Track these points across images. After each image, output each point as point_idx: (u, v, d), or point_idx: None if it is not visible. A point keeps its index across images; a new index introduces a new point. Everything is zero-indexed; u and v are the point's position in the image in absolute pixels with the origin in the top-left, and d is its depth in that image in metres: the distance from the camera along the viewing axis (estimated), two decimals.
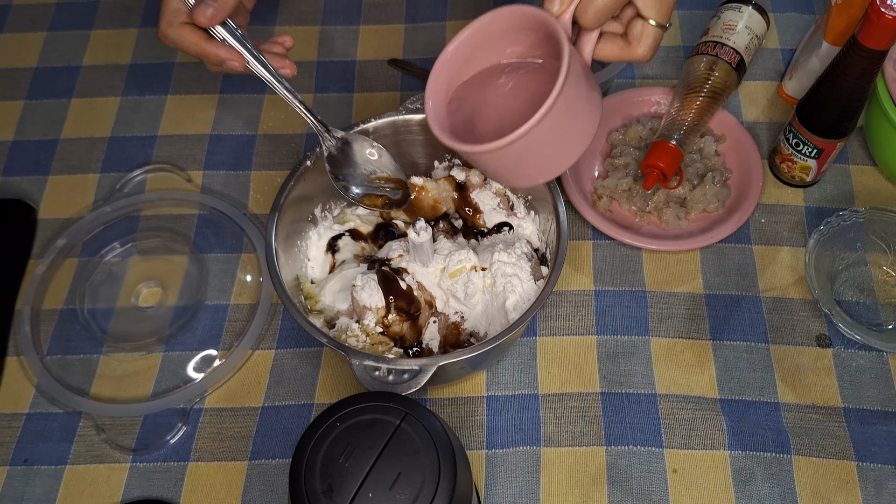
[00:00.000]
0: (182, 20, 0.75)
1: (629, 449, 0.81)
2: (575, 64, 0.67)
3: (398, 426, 0.64)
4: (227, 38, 0.76)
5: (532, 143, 0.67)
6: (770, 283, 0.90)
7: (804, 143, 0.89)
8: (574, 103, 0.68)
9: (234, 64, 0.76)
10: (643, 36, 0.71)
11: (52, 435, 0.84)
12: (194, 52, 0.76)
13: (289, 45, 0.81)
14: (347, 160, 0.82)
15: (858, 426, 0.81)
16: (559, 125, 0.67)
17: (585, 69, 0.70)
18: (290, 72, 0.79)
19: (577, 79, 0.67)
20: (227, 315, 0.90)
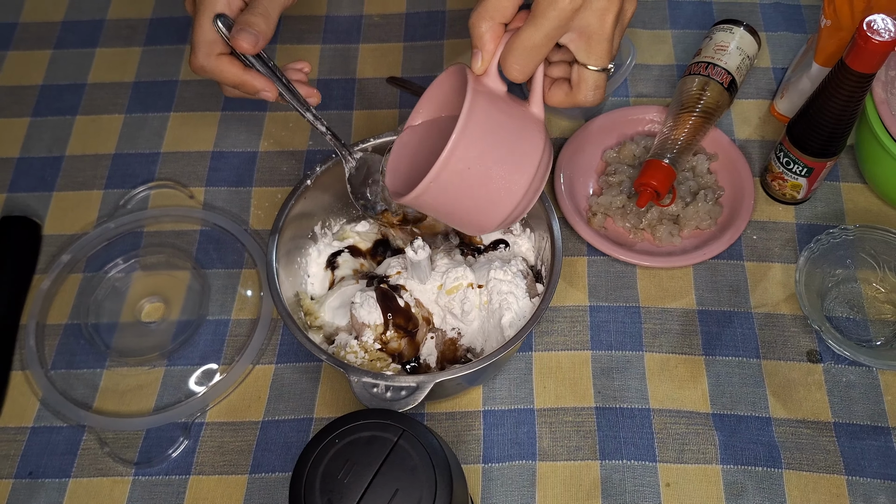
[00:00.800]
0: (219, 51, 0.75)
1: (623, 463, 0.82)
2: (479, 110, 0.67)
3: (396, 443, 0.65)
4: (261, 69, 0.75)
5: (444, 188, 0.68)
6: (762, 300, 0.91)
7: (795, 162, 0.90)
8: (487, 148, 0.68)
9: (267, 94, 0.76)
10: (581, 81, 0.70)
11: (56, 448, 0.84)
12: (232, 82, 0.76)
13: (307, 71, 0.82)
14: (365, 179, 0.83)
15: (848, 441, 0.82)
16: (471, 168, 0.68)
17: (505, 114, 0.70)
18: (316, 99, 0.80)
19: (487, 124, 0.68)
20: (229, 330, 0.91)
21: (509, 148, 0.69)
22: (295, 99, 0.78)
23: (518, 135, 0.70)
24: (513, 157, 0.69)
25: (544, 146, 0.71)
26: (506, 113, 0.70)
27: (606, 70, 0.69)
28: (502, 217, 0.72)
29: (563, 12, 0.65)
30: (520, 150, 0.69)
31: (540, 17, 0.66)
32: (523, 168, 0.70)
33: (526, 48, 0.67)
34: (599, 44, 0.67)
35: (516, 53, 0.68)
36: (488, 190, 0.69)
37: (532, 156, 0.70)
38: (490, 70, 0.70)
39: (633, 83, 1.07)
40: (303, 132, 1.04)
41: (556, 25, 0.66)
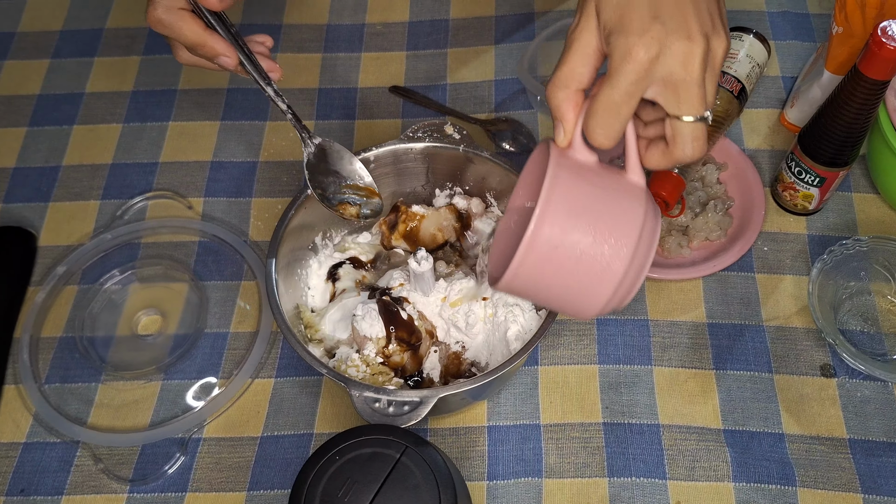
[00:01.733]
0: (180, 5, 0.72)
1: (632, 481, 0.80)
2: (562, 185, 0.61)
3: (398, 460, 0.63)
4: (223, 33, 0.73)
5: (534, 273, 0.62)
6: (773, 312, 0.89)
7: (806, 172, 0.88)
8: (576, 225, 0.61)
9: (227, 60, 0.73)
10: (676, 135, 0.61)
11: (49, 465, 0.83)
12: (191, 41, 0.72)
13: (269, 45, 0.80)
14: (325, 168, 0.81)
15: (864, 458, 0.81)
16: (560, 249, 0.61)
17: (595, 185, 0.63)
18: (279, 75, 0.78)
19: (574, 200, 0.62)
20: (227, 343, 0.89)
21: (602, 223, 0.62)
22: (256, 71, 0.75)
23: (611, 207, 0.62)
24: (607, 233, 0.62)
25: (644, 217, 0.63)
26: (595, 185, 0.63)
27: (704, 119, 0.61)
28: (604, 298, 0.63)
29: (638, 64, 0.58)
30: (615, 224, 0.62)
31: (615, 73, 0.59)
32: (621, 244, 0.62)
33: (606, 110, 0.60)
34: (688, 91, 0.59)
35: (597, 117, 0.61)
36: (583, 270, 0.62)
37: (630, 229, 0.62)
38: (575, 141, 0.64)
39: None
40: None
41: (635, 79, 0.59)
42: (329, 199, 0.81)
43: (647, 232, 0.63)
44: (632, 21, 0.58)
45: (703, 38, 0.59)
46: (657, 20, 0.58)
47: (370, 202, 0.82)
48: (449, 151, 0.87)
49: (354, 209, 0.82)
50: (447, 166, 0.89)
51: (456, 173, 0.89)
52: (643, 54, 0.58)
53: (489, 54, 1.10)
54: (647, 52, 0.58)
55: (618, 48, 0.58)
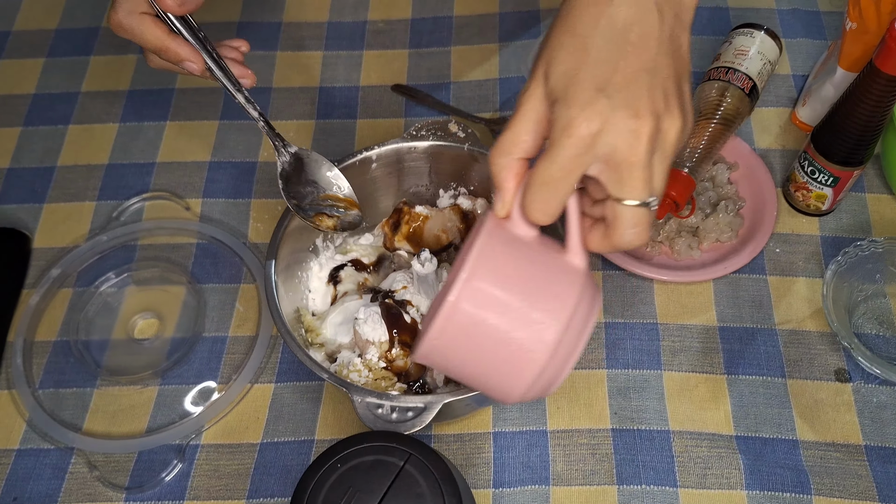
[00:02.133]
0: (142, 10, 0.71)
1: (642, 488, 0.78)
2: (487, 259, 0.58)
3: (402, 468, 0.62)
4: (188, 37, 0.72)
5: (451, 348, 0.60)
6: (786, 316, 0.87)
7: (820, 172, 0.87)
8: (498, 302, 0.58)
9: (192, 66, 0.72)
10: (615, 218, 0.57)
11: (43, 472, 0.81)
12: (153, 46, 0.72)
13: (244, 51, 0.79)
14: (301, 178, 0.80)
15: (881, 465, 0.79)
16: (480, 326, 0.58)
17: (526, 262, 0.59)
18: (251, 81, 0.76)
19: (499, 275, 0.58)
20: (226, 347, 0.88)
21: (529, 304, 0.58)
22: (225, 76, 0.74)
23: (541, 288, 0.59)
24: (533, 316, 0.58)
25: (577, 303, 0.59)
26: (528, 262, 0.59)
27: (647, 205, 0.56)
28: (524, 384, 0.60)
29: (579, 139, 0.54)
30: (542, 307, 0.58)
31: (554, 146, 0.55)
32: (547, 329, 0.58)
33: (543, 185, 0.56)
34: (631, 173, 0.54)
35: (534, 192, 0.57)
36: (504, 352, 0.59)
37: (559, 315, 0.58)
38: (514, 213, 0.60)
39: None
40: (303, 143, 1.01)
41: (574, 155, 0.54)
42: (305, 210, 0.79)
43: (578, 319, 0.59)
44: (576, 92, 0.54)
45: (652, 117, 0.54)
46: (602, 93, 0.53)
47: (349, 213, 0.80)
48: (453, 150, 0.85)
49: (332, 221, 0.80)
50: (451, 166, 0.87)
51: (460, 173, 0.88)
52: (584, 129, 0.53)
53: (493, 52, 1.08)
54: (588, 127, 0.53)
55: (559, 119, 0.54)
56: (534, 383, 0.60)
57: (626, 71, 0.54)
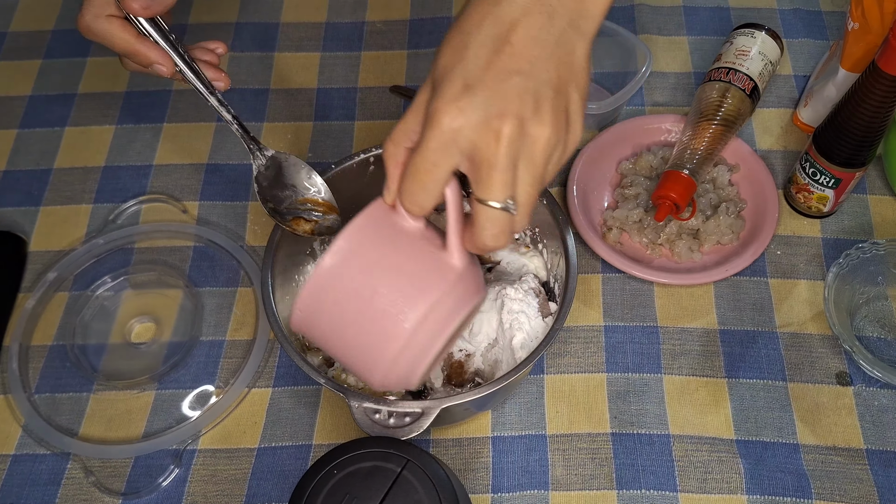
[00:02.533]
0: (110, 12, 0.70)
1: (642, 493, 0.78)
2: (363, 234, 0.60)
3: (399, 474, 0.62)
4: (159, 40, 0.72)
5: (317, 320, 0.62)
6: (787, 319, 0.87)
7: (821, 173, 0.86)
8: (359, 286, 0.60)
9: (161, 69, 0.72)
10: (475, 217, 0.56)
11: (38, 478, 0.81)
12: (121, 49, 0.71)
13: (220, 52, 0.78)
14: (278, 181, 0.79)
15: (882, 469, 0.78)
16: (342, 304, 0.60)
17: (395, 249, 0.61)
18: (224, 84, 0.76)
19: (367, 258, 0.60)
20: (223, 352, 0.87)
21: (389, 290, 0.60)
22: (197, 79, 0.74)
23: (404, 276, 0.60)
24: (391, 301, 0.60)
25: (441, 296, 0.60)
26: (398, 249, 0.61)
27: (506, 209, 0.56)
28: (381, 370, 0.62)
29: (441, 133, 0.53)
30: (402, 294, 0.60)
31: (422, 139, 0.55)
32: (403, 316, 0.60)
33: (413, 176, 0.56)
34: (489, 173, 0.54)
35: (404, 180, 0.57)
36: (363, 334, 0.61)
37: (417, 304, 0.60)
38: (398, 202, 0.61)
39: (648, 91, 1.03)
40: (301, 145, 1.00)
41: (437, 146, 0.54)
42: (282, 214, 0.78)
43: (439, 315, 0.60)
44: (447, 86, 0.54)
45: (515, 120, 0.53)
46: (469, 90, 0.53)
47: (327, 217, 0.79)
48: None
49: (309, 225, 0.79)
50: None
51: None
52: (446, 122, 0.53)
53: None
54: (450, 121, 0.53)
55: (428, 111, 0.54)
56: (389, 371, 0.62)
57: (497, 70, 0.53)
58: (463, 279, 0.62)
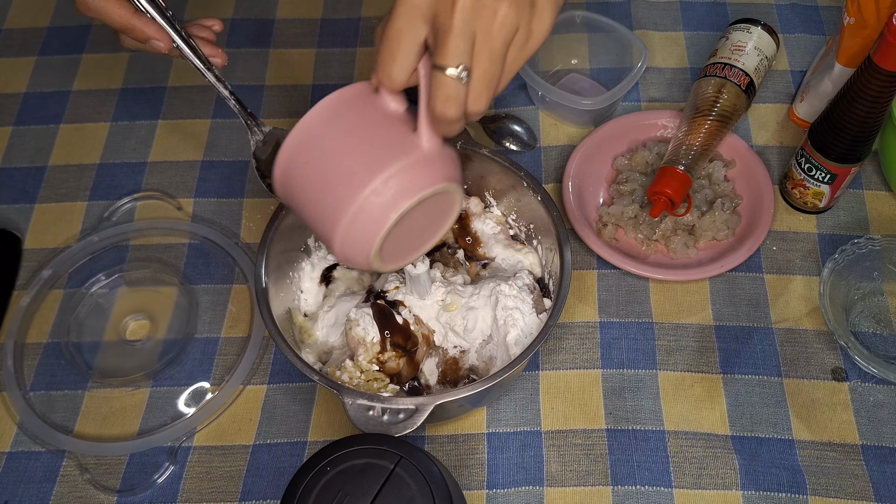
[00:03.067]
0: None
1: (637, 489, 0.78)
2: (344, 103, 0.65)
3: (392, 471, 0.61)
4: (156, 16, 0.72)
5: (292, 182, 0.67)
6: (783, 314, 0.86)
7: (817, 168, 0.86)
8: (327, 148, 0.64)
9: (158, 44, 0.72)
10: (430, 84, 0.59)
11: (34, 475, 0.81)
12: (118, 25, 0.72)
13: (217, 30, 0.79)
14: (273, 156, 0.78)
15: (877, 465, 0.78)
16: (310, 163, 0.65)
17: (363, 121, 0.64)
18: (221, 61, 0.76)
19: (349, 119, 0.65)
20: (218, 349, 0.87)
21: (355, 157, 0.64)
22: (194, 55, 0.74)
23: (370, 144, 0.64)
24: (349, 170, 0.64)
25: (398, 169, 0.63)
26: (370, 121, 0.64)
27: (459, 78, 0.58)
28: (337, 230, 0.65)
29: (406, 3, 0.57)
30: (364, 159, 0.64)
31: (391, 10, 0.58)
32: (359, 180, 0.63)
33: (382, 47, 0.59)
34: (443, 38, 0.57)
35: (378, 54, 0.60)
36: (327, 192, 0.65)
37: (373, 171, 0.63)
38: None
39: (644, 87, 1.03)
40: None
41: (402, 15, 0.57)
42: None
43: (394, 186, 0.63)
44: None
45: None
46: None
47: None
48: None
49: None
50: None
51: None
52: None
53: None
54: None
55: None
56: (346, 235, 0.65)
57: None
58: (428, 160, 0.64)
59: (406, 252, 0.71)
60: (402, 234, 0.67)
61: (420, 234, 0.71)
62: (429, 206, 0.67)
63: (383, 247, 0.66)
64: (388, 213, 0.64)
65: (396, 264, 0.71)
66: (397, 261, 0.71)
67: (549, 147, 0.98)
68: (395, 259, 0.70)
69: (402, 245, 0.69)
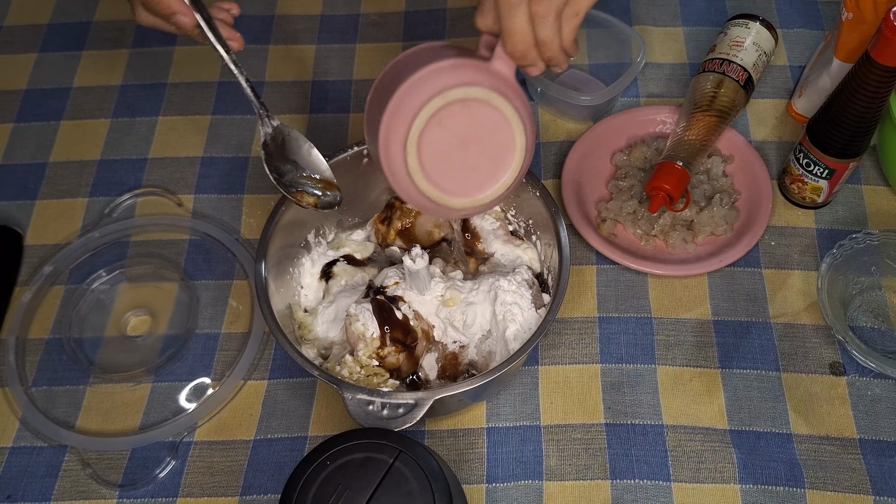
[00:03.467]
0: None
1: (635, 483, 0.78)
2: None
3: (392, 465, 0.62)
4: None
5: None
6: (781, 309, 0.87)
7: (815, 164, 0.86)
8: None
9: (183, 20, 0.72)
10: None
11: (36, 470, 0.81)
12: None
13: (235, 13, 0.78)
14: (283, 154, 0.79)
15: (875, 458, 0.78)
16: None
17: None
18: (238, 44, 0.76)
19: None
20: (219, 344, 0.87)
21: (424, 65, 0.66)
22: (216, 37, 0.73)
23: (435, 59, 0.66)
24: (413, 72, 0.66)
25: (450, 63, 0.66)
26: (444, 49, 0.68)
27: None
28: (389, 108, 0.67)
29: None
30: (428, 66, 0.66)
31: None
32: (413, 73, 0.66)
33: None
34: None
35: None
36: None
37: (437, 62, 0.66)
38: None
39: (643, 82, 1.03)
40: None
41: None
42: (286, 186, 0.78)
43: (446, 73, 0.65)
44: None
45: None
46: None
47: (328, 193, 0.79)
48: None
49: (313, 199, 0.79)
50: None
51: None
52: None
53: None
54: None
55: None
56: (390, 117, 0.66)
57: None
58: (491, 71, 0.67)
59: (455, 184, 0.70)
60: (450, 153, 0.67)
61: (475, 167, 0.70)
62: (484, 131, 0.68)
63: (425, 156, 0.66)
64: (429, 95, 0.65)
65: (466, 198, 0.71)
66: (465, 193, 0.70)
67: (548, 143, 0.99)
68: (462, 190, 0.70)
69: (451, 169, 0.69)
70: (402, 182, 0.67)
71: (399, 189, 0.68)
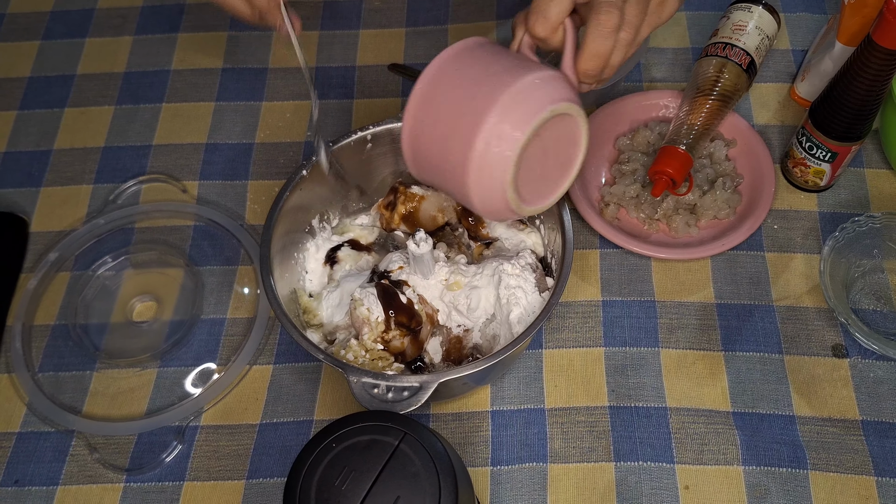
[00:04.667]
0: None
1: (639, 465, 0.79)
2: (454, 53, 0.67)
3: (397, 447, 0.62)
4: None
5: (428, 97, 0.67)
6: (784, 292, 0.87)
7: (818, 147, 0.86)
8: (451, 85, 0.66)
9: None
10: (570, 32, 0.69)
11: (43, 455, 0.82)
12: None
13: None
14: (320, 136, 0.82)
15: (877, 440, 0.79)
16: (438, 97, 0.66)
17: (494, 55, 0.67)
18: (299, 25, 0.76)
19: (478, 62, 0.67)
20: (224, 329, 0.88)
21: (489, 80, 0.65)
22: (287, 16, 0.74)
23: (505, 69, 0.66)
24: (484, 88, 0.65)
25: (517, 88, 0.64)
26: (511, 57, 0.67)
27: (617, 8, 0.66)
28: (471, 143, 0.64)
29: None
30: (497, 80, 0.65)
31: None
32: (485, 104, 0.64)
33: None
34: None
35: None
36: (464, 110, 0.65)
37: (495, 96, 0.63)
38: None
39: (646, 67, 1.03)
40: (300, 123, 1.00)
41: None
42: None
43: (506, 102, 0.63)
44: None
45: None
46: None
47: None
48: None
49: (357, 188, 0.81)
50: None
51: None
52: None
53: (491, 30, 1.07)
54: None
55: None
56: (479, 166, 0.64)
57: None
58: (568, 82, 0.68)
59: (542, 191, 0.70)
60: (533, 162, 0.67)
61: (547, 176, 0.70)
62: (563, 143, 0.68)
63: (519, 181, 0.66)
64: (541, 106, 0.65)
65: (535, 205, 0.70)
66: (535, 200, 0.70)
67: None
68: (533, 198, 0.70)
69: (535, 181, 0.69)
70: (489, 191, 0.67)
71: (477, 198, 0.67)
